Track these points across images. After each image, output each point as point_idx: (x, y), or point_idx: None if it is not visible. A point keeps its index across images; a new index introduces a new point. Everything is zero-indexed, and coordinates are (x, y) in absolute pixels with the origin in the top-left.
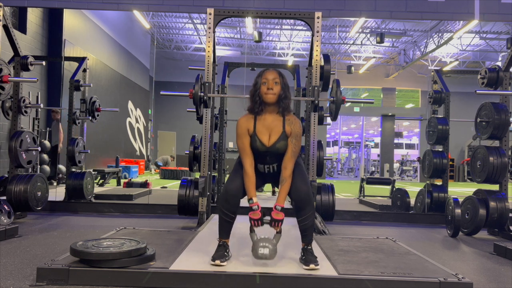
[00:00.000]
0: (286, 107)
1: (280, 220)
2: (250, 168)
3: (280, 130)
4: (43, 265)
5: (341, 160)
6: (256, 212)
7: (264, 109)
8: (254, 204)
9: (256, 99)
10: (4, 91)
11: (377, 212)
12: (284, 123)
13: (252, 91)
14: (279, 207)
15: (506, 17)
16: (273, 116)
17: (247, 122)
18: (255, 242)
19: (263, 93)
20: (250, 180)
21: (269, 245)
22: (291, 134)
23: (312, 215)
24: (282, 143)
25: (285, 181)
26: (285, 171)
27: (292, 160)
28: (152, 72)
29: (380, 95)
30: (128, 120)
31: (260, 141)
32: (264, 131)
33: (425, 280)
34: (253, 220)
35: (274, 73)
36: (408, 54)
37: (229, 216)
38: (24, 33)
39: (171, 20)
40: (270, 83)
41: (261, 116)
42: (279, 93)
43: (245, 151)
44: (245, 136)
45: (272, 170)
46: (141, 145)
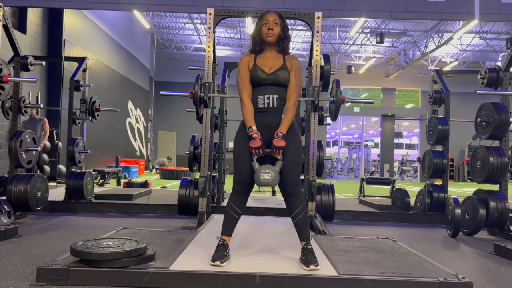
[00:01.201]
0: (286, 47)
1: (281, 147)
2: (247, 99)
3: (281, 63)
4: (43, 265)
5: (341, 160)
6: (256, 140)
7: (264, 48)
8: (254, 132)
9: (256, 39)
10: (4, 91)
11: (377, 212)
12: (285, 60)
13: (253, 33)
14: (281, 134)
15: (506, 17)
16: (273, 54)
17: (248, 58)
18: (257, 169)
19: (264, 33)
20: (248, 111)
21: (271, 171)
22: (292, 68)
23: (303, 210)
24: (283, 72)
25: (289, 110)
26: (289, 101)
27: (296, 92)
28: (152, 72)
29: (380, 95)
30: (128, 120)
31: (261, 69)
32: (265, 63)
33: (425, 280)
34: (253, 149)
35: (275, 14)
36: (408, 54)
37: (236, 211)
38: (24, 33)
39: (171, 20)
40: (271, 24)
41: (262, 54)
42: (278, 33)
43: (243, 84)
44: (245, 70)
45: (272, 103)
46: (141, 145)
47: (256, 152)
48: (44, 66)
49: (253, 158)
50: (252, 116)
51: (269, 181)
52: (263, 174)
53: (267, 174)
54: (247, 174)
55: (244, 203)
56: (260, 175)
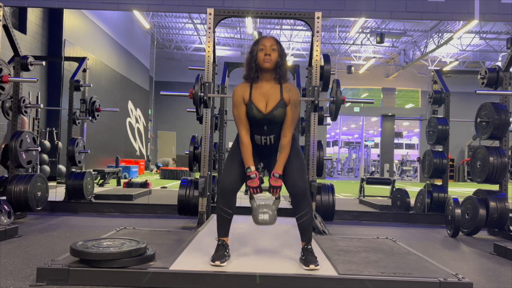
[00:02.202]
0: (283, 75)
1: (279, 186)
2: (246, 137)
3: (278, 97)
4: (43, 265)
5: (341, 160)
6: (255, 180)
7: (260, 76)
8: (252, 172)
9: (252, 66)
10: (4, 91)
11: (377, 212)
12: (282, 91)
13: (248, 58)
14: (277, 174)
15: (506, 17)
16: (270, 84)
17: (242, 90)
18: (255, 208)
19: (260, 59)
20: (246, 149)
21: (268, 211)
22: (289, 102)
23: (309, 212)
24: (280, 111)
25: (284, 149)
26: (284, 139)
27: (291, 128)
28: (152, 72)
29: (380, 95)
30: (128, 120)
31: (257, 108)
32: (261, 98)
33: (425, 280)
34: (251, 188)
35: (271, 40)
36: (408, 54)
37: (227, 212)
38: (24, 33)
39: (171, 20)
40: (268, 50)
41: (258, 84)
42: (276, 60)
43: (240, 120)
44: (240, 104)
45: (269, 142)
46: (141, 145)
47: (254, 191)
48: (44, 66)
49: (252, 196)
50: (250, 155)
51: (267, 221)
52: (261, 214)
53: (264, 215)
54: (236, 177)
55: (234, 203)
56: (258, 215)
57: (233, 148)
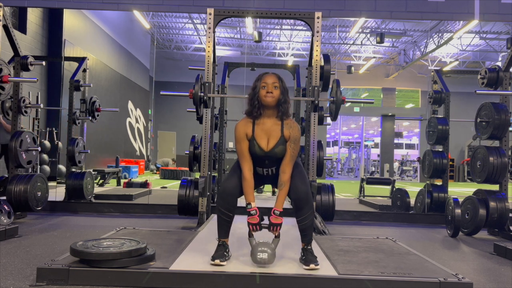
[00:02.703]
0: (285, 112)
1: (279, 224)
2: (248, 173)
3: (279, 134)
4: (43, 265)
5: (341, 160)
6: (254, 217)
7: (262, 113)
8: (252, 209)
9: (255, 103)
10: (4, 91)
11: (377, 212)
12: (283, 128)
13: (250, 95)
14: (277, 212)
15: (506, 17)
16: (271, 121)
17: (245, 126)
18: (254, 246)
19: (262, 96)
20: (248, 185)
21: (267, 250)
22: (289, 138)
23: (311, 215)
24: (280, 148)
25: (284, 186)
26: (284, 175)
27: (290, 164)
28: (152, 72)
29: (380, 95)
30: (128, 120)
31: (259, 145)
32: (263, 135)
33: (425, 280)
34: (251, 225)
35: (274, 77)
36: (408, 54)
37: (227, 215)
38: (24, 33)
39: (171, 20)
40: (270, 87)
41: (260, 120)
42: (278, 97)
43: (243, 156)
44: (243, 140)
45: (271, 173)
46: (141, 145)
47: (253, 228)
48: (44, 66)
49: (251, 234)
50: (252, 191)
51: (265, 260)
52: (259, 253)
53: (263, 254)
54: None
55: (235, 206)
56: (257, 254)
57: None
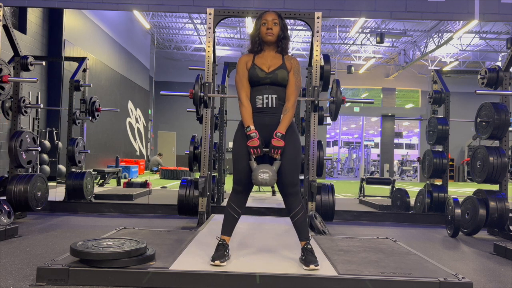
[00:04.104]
0: (285, 47)
1: (280, 147)
2: (245, 99)
3: (280, 62)
4: (43, 265)
5: (341, 160)
6: (254, 140)
7: (263, 48)
8: (252, 131)
9: (255, 39)
10: (4, 91)
11: (377, 212)
12: (284, 59)
13: (252, 33)
14: (280, 134)
15: (506, 17)
16: (272, 54)
17: (246, 57)
18: (255, 169)
19: (263, 33)
20: (246, 110)
21: (268, 171)
22: (291, 68)
23: (301, 210)
24: (282, 71)
25: (288, 111)
26: (288, 102)
27: (295, 92)
28: (152, 72)
29: (380, 95)
30: (128, 120)
31: (260, 68)
32: (264, 62)
33: (425, 280)
34: (252, 148)
35: (273, 14)
36: (408, 54)
37: (236, 211)
38: (24, 33)
39: (171, 20)
40: (269, 24)
41: (260, 54)
42: (278, 33)
43: (241, 83)
44: (243, 70)
45: (271, 103)
46: (141, 145)
47: (254, 152)
48: (44, 66)
49: (251, 157)
50: (250, 115)
51: (266, 180)
52: (260, 173)
53: (264, 174)
54: (246, 173)
55: (244, 203)
56: (258, 175)
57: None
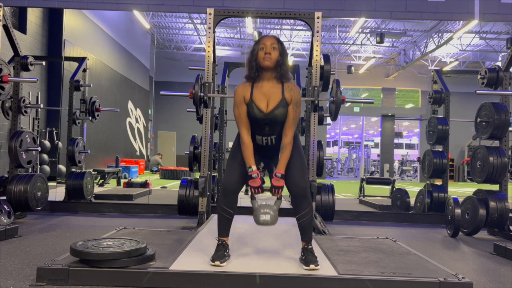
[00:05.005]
0: (285, 74)
1: (281, 186)
2: (247, 136)
3: (279, 97)
4: (43, 265)
5: (341, 160)
6: (256, 180)
7: (261, 75)
8: (254, 172)
9: (253, 65)
10: (4, 91)
11: (377, 212)
12: (283, 90)
13: (249, 57)
14: (279, 174)
15: (506, 17)
16: (271, 83)
17: (243, 89)
18: (256, 208)
19: (261, 58)
20: (247, 149)
21: (270, 211)
22: (291, 101)
23: (309, 212)
24: (281, 110)
25: (285, 148)
26: (286, 138)
27: (292, 127)
28: (152, 72)
29: (380, 95)
30: (128, 120)
31: (258, 107)
32: (262, 98)
33: (425, 280)
34: (253, 188)
35: (272, 38)
36: (408, 54)
37: (229, 212)
38: (24, 33)
39: (171, 20)
40: (268, 48)
41: (258, 84)
42: (277, 58)
43: (241, 120)
44: (241, 104)
45: (270, 142)
46: (141, 145)
47: (255, 191)
48: (44, 66)
49: (253, 196)
50: (251, 154)
51: (268, 222)
52: (262, 215)
53: (266, 215)
54: (238, 177)
55: (236, 203)
56: (259, 216)
57: (234, 149)
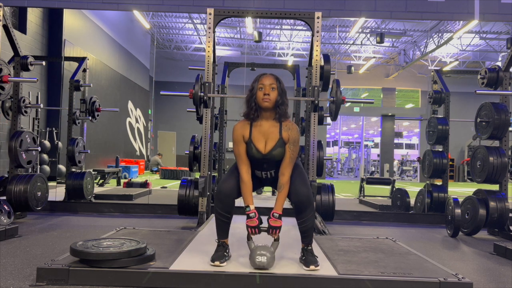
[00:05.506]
0: (283, 113)
1: (278, 227)
2: (246, 175)
3: (277, 137)
4: (43, 265)
5: (341, 160)
6: (253, 220)
7: (260, 115)
8: (251, 211)
9: (252, 105)
10: (4, 91)
11: (377, 212)
12: (281, 130)
13: (248, 96)
14: (277, 215)
15: (506, 17)
16: (269, 123)
17: (242, 128)
18: (253, 250)
19: (260, 98)
20: (246, 187)
21: (266, 253)
22: (288, 140)
23: (312, 217)
24: (279, 150)
25: (283, 188)
26: (283, 178)
27: (289, 166)
28: (152, 72)
29: (380, 95)
30: (128, 120)
31: (256, 148)
32: (260, 138)
33: (425, 280)
34: (250, 228)
35: (271, 78)
36: (408, 54)
37: (225, 216)
38: (24, 33)
39: (171, 20)
40: (267, 89)
41: (257, 123)
42: (275, 99)
43: (241, 158)
44: (240, 143)
45: (270, 176)
46: (141, 145)
47: (252, 231)
48: (44, 66)
49: (249, 237)
50: (250, 194)
51: (264, 264)
52: (258, 257)
53: (262, 257)
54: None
55: (232, 207)
56: (255, 258)
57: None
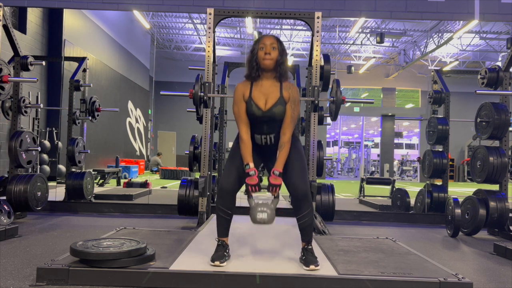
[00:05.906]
0: (284, 73)
1: (278, 185)
2: (245, 135)
3: (278, 95)
4: (43, 265)
5: (341, 160)
6: (253, 178)
7: (261, 75)
8: (251, 169)
9: (253, 65)
10: (4, 91)
11: (377, 212)
12: (282, 89)
13: (249, 57)
14: (277, 172)
15: (506, 17)
16: (270, 82)
17: (243, 87)
18: (253, 207)
19: (261, 58)
20: (246, 146)
21: (267, 210)
22: (289, 99)
23: (310, 213)
24: (279, 108)
25: (284, 146)
26: (284, 137)
27: (290, 126)
28: (152, 72)
29: (380, 95)
30: (128, 120)
31: (256, 105)
32: (261, 96)
33: (425, 280)
34: (250, 186)
35: (272, 38)
36: (408, 54)
37: (226, 213)
38: (24, 33)
39: (171, 20)
40: (268, 48)
41: (258, 82)
42: (276, 58)
43: (240, 117)
44: (240, 102)
45: (269, 141)
46: (141, 145)
47: (252, 189)
48: (44, 66)
49: (250, 195)
50: (250, 152)
51: (265, 220)
52: (259, 213)
53: (263, 214)
54: (235, 179)
55: (234, 203)
56: (256, 214)
57: (233, 150)
